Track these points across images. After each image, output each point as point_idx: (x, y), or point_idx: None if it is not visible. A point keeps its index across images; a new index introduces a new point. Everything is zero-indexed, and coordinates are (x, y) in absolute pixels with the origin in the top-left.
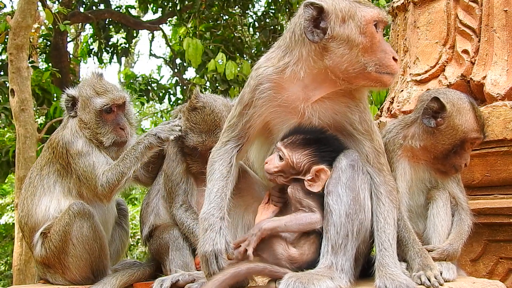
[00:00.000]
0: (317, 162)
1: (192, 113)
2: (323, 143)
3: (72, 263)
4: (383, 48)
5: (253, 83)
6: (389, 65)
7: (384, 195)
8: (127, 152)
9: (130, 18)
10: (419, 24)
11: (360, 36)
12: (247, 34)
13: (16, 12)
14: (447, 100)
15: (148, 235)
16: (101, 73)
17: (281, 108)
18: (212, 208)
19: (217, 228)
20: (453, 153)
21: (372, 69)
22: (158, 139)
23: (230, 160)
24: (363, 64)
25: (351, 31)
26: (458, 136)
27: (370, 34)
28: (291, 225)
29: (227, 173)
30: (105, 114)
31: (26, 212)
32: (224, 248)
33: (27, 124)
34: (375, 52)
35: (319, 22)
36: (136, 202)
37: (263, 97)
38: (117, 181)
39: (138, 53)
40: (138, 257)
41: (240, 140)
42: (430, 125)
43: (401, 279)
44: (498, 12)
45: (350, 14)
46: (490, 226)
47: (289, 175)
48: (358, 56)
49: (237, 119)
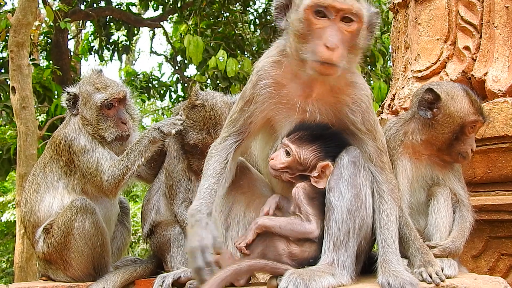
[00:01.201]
0: (322, 158)
1: (192, 111)
2: (328, 138)
3: (74, 259)
4: (319, 35)
5: (253, 79)
6: (317, 51)
7: (387, 193)
8: (131, 147)
9: (131, 16)
10: (420, 21)
11: (298, 23)
12: (248, 31)
13: (17, 10)
14: (440, 90)
15: (149, 232)
16: (101, 69)
17: (282, 105)
18: (200, 204)
19: (203, 224)
20: (455, 141)
21: (306, 56)
22: (161, 133)
23: (226, 157)
24: (300, 50)
25: (294, 17)
26: (456, 123)
27: (306, 20)
28: (285, 229)
29: (221, 169)
30: (106, 109)
31: (29, 208)
32: (211, 243)
33: (28, 122)
34: (312, 39)
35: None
36: (137, 200)
37: (263, 93)
38: (122, 175)
39: (139, 51)
40: (139, 254)
41: (241, 136)
42: (426, 116)
43: (404, 276)
44: (499, 9)
45: (297, 2)
46: (491, 222)
47: (296, 171)
48: (296, 42)
49: (239, 114)
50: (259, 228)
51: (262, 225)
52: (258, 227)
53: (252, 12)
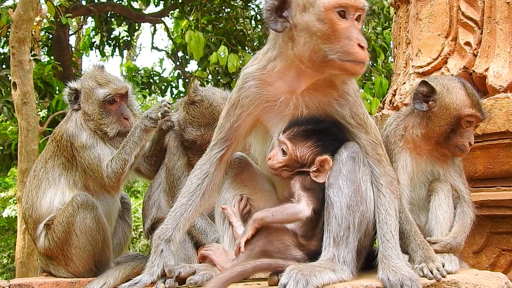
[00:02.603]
0: (320, 153)
1: (191, 107)
2: (324, 132)
3: (75, 254)
4: (348, 35)
5: (239, 83)
6: (352, 52)
7: (385, 186)
8: (125, 140)
9: (132, 11)
10: (421, 16)
11: (319, 24)
12: (249, 27)
13: (18, 5)
14: (436, 83)
15: (150, 228)
16: (102, 65)
17: (270, 103)
18: (161, 229)
19: (159, 251)
20: (452, 133)
21: (334, 57)
22: (150, 120)
23: (207, 171)
24: (324, 51)
25: (309, 18)
26: (452, 115)
27: (329, 21)
28: (277, 215)
29: (196, 187)
30: (108, 105)
31: (30, 204)
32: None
33: (29, 117)
34: (338, 39)
35: (283, 12)
36: (138, 195)
37: (248, 95)
38: (121, 169)
39: (140, 46)
40: (140, 250)
41: (227, 143)
42: (422, 109)
43: (404, 271)
44: (500, 4)
45: (311, 2)
46: (492, 218)
47: (294, 168)
48: (318, 44)
49: (225, 119)
50: (256, 222)
51: (257, 219)
52: (255, 222)
53: (253, 7)
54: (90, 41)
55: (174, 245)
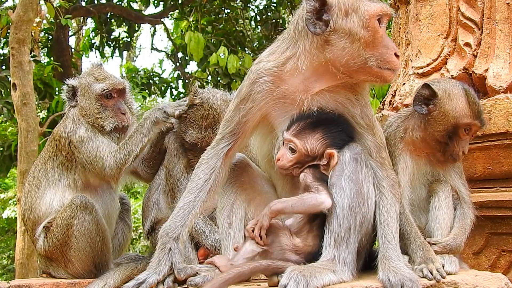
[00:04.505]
0: (330, 145)
1: (191, 110)
2: (329, 123)
3: (75, 256)
4: (385, 43)
5: (252, 77)
6: (390, 60)
7: (387, 189)
8: (134, 130)
9: (132, 12)
10: (421, 17)
11: (363, 30)
12: (248, 27)
13: (18, 6)
14: (438, 87)
15: (150, 229)
16: (100, 63)
17: (280, 100)
18: (169, 226)
19: (167, 249)
20: (449, 141)
21: (373, 64)
22: (164, 114)
23: (213, 166)
24: (364, 58)
25: (353, 24)
26: (449, 122)
27: (372, 28)
28: (297, 206)
29: (204, 182)
30: (105, 100)
31: (30, 205)
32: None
33: (29, 118)
34: (377, 47)
35: (322, 15)
36: (138, 196)
37: (261, 90)
38: (124, 159)
39: (140, 47)
40: (140, 251)
41: (234, 137)
42: (421, 112)
43: (404, 272)
44: (500, 5)
45: (354, 8)
46: (492, 219)
47: (305, 163)
48: (359, 50)
49: (234, 113)
50: (273, 213)
51: (275, 210)
52: (272, 212)
53: (253, 8)
54: (90, 42)
55: (181, 243)
